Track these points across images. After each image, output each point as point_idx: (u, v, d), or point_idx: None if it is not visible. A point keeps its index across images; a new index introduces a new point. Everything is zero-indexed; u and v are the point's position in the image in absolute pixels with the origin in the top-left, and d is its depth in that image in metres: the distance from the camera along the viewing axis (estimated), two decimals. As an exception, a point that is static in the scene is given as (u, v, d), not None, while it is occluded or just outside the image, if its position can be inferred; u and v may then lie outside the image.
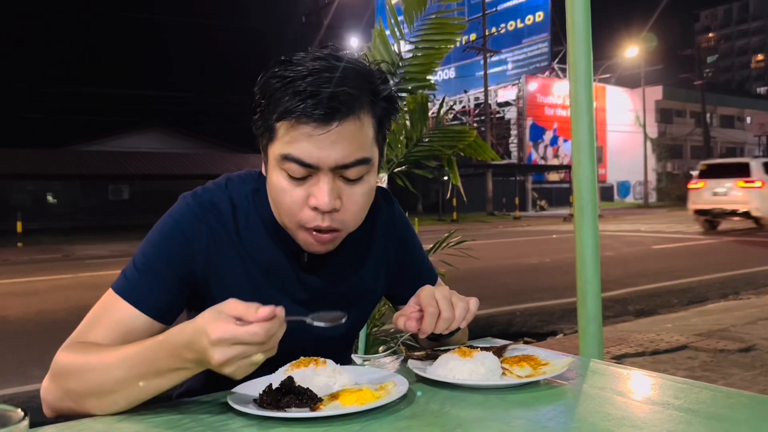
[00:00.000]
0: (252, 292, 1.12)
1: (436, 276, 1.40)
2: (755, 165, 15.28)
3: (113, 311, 1.07)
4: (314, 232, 1.06)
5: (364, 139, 1.04)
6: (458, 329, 1.22)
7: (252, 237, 1.14)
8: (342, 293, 1.22)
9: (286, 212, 1.06)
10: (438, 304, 1.07)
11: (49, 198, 28.62)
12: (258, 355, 0.87)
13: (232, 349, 0.86)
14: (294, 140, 0.99)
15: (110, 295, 1.08)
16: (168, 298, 1.09)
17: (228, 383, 1.03)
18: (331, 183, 1.02)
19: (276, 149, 1.02)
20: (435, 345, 1.26)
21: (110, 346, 1.02)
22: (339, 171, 1.02)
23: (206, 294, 1.12)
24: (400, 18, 2.86)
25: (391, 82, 1.84)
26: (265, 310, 0.86)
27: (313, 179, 1.02)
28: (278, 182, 1.04)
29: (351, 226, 1.10)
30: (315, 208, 1.03)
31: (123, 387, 0.94)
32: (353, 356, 1.15)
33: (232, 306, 0.88)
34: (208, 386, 1.18)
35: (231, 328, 0.85)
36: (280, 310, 0.88)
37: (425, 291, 1.10)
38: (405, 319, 1.09)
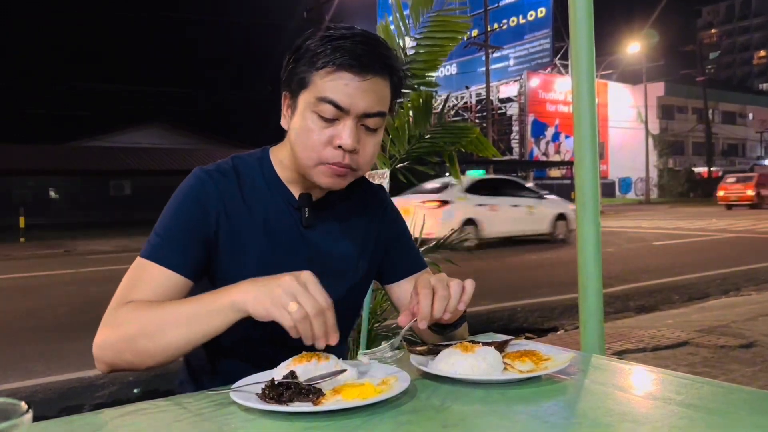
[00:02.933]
0: (254, 250, 1.23)
1: (425, 264, 1.47)
2: None
3: (146, 274, 1.16)
4: (333, 166, 1.17)
5: (385, 97, 1.20)
6: (461, 321, 1.22)
7: (256, 198, 1.26)
8: (336, 252, 1.30)
9: (311, 149, 1.17)
10: (432, 285, 1.12)
11: (51, 194, 28.62)
12: (293, 305, 0.98)
13: (288, 292, 0.99)
14: (331, 85, 1.14)
15: (139, 261, 1.18)
16: (191, 255, 1.19)
17: (231, 377, 1.03)
18: (355, 128, 1.16)
19: (311, 94, 1.16)
20: (439, 339, 1.27)
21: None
22: (362, 119, 1.17)
23: (216, 250, 1.22)
24: (405, 13, 2.86)
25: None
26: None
27: (339, 123, 1.16)
28: (307, 124, 1.17)
29: (362, 169, 1.23)
30: (339, 147, 1.16)
31: (177, 325, 1.06)
32: (360, 355, 1.15)
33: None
34: (210, 381, 1.19)
35: (315, 289, 1.01)
36: (334, 338, 1.01)
37: (420, 278, 1.17)
38: (405, 312, 1.13)
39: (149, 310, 1.09)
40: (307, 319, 0.97)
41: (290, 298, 0.98)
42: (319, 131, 1.15)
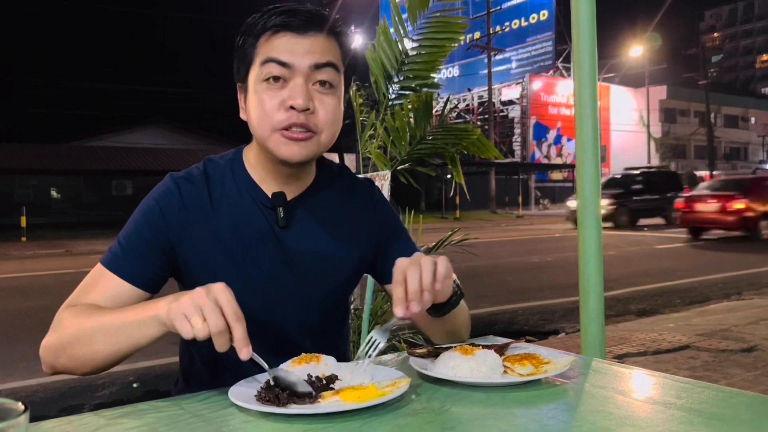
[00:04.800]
0: (224, 255, 1.20)
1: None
2: None
3: (101, 282, 1.17)
4: (287, 131, 1.14)
5: (332, 51, 1.17)
6: (456, 301, 1.17)
7: (228, 202, 1.23)
8: (316, 251, 1.25)
9: (264, 116, 1.14)
10: (404, 269, 1.05)
11: (53, 193, 28.67)
12: (197, 320, 0.93)
13: (195, 304, 0.94)
14: (273, 46, 1.13)
15: (98, 267, 1.19)
16: (149, 267, 1.18)
17: (229, 379, 1.03)
18: (305, 85, 1.13)
19: (256, 66, 1.15)
20: (439, 323, 1.24)
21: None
22: (312, 75, 1.14)
23: (182, 260, 1.21)
24: (404, 16, 2.86)
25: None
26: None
27: (289, 83, 1.13)
28: (259, 96, 1.14)
29: (322, 131, 1.17)
30: (291, 108, 1.13)
31: (106, 335, 1.04)
32: (376, 329, 1.12)
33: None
34: (209, 381, 1.18)
35: (219, 297, 0.95)
36: (246, 354, 0.95)
37: (396, 265, 1.08)
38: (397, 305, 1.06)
39: (87, 317, 1.08)
40: (207, 335, 0.93)
41: (196, 310, 0.93)
42: (269, 99, 1.14)
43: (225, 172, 1.25)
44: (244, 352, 0.95)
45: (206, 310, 0.93)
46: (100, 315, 1.08)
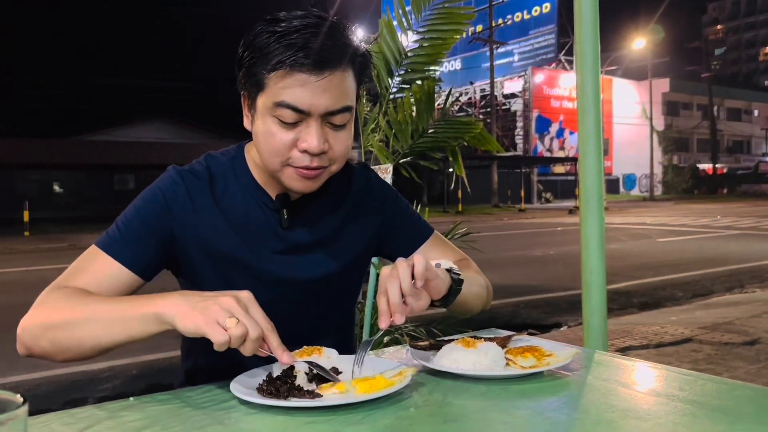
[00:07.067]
0: (230, 254, 1.19)
1: (431, 229, 1.41)
2: None
3: (95, 263, 1.14)
4: (301, 169, 1.12)
5: (349, 89, 1.12)
6: (453, 291, 1.15)
7: (230, 200, 1.22)
8: (319, 252, 1.25)
9: (275, 152, 1.11)
10: (383, 280, 1.05)
11: (56, 188, 28.72)
12: (231, 320, 0.91)
13: (226, 310, 0.91)
14: (287, 88, 1.06)
15: (93, 249, 1.16)
16: (146, 254, 1.16)
17: (231, 372, 1.03)
18: (320, 129, 1.09)
19: (267, 98, 1.09)
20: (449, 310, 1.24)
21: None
22: (327, 117, 1.10)
23: (183, 253, 1.20)
24: (407, 8, 2.85)
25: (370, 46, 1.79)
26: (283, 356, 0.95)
27: (302, 125, 1.09)
28: (268, 128, 1.10)
29: (336, 165, 1.16)
30: (305, 151, 1.10)
31: (96, 323, 1.00)
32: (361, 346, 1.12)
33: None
34: (211, 375, 1.18)
35: (252, 310, 0.94)
36: (288, 358, 0.96)
37: (380, 275, 1.08)
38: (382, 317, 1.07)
39: (76, 301, 1.05)
40: (243, 338, 0.91)
41: (228, 315, 0.91)
42: (281, 134, 1.09)
43: (227, 169, 1.24)
44: (286, 357, 0.95)
45: (241, 317, 0.91)
46: (97, 302, 1.04)
